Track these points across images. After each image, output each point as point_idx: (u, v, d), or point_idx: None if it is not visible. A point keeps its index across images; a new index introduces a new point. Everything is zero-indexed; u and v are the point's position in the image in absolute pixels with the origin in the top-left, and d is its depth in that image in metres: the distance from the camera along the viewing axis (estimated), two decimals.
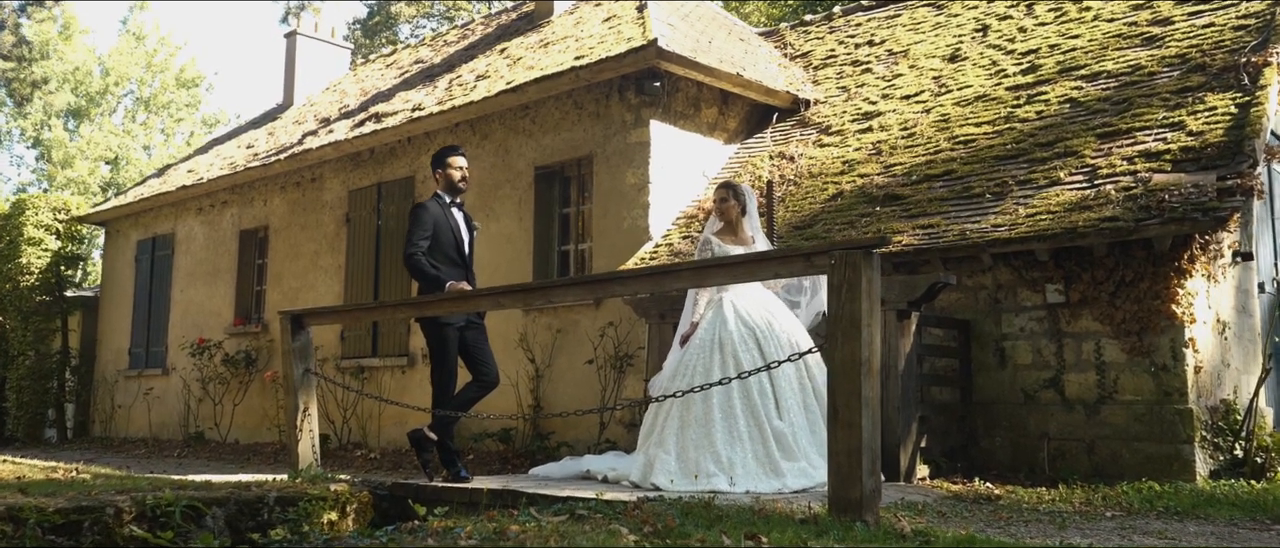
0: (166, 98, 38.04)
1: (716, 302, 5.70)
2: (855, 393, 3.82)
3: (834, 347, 3.90)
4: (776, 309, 5.75)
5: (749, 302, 5.67)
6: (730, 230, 5.85)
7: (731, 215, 5.84)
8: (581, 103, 9.68)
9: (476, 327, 5.93)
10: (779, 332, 5.53)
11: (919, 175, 7.63)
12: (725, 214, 5.82)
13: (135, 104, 38.19)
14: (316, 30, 16.83)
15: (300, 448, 6.54)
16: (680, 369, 5.65)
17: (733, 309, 5.65)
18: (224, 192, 14.46)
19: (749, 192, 5.99)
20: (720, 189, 5.95)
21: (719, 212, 5.89)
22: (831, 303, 3.93)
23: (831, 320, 3.93)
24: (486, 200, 10.41)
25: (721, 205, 5.83)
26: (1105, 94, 7.42)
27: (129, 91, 37.66)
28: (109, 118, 37.58)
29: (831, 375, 3.90)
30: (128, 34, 37.90)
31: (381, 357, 11.39)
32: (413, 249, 5.77)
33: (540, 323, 9.72)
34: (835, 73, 10.36)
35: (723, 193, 5.90)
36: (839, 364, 3.88)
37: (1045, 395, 6.38)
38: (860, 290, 3.86)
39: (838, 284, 3.91)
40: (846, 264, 3.90)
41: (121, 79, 37.05)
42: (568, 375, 9.40)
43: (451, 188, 5.96)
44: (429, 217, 5.82)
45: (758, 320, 5.54)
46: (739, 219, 5.86)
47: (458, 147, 6.06)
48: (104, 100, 37.20)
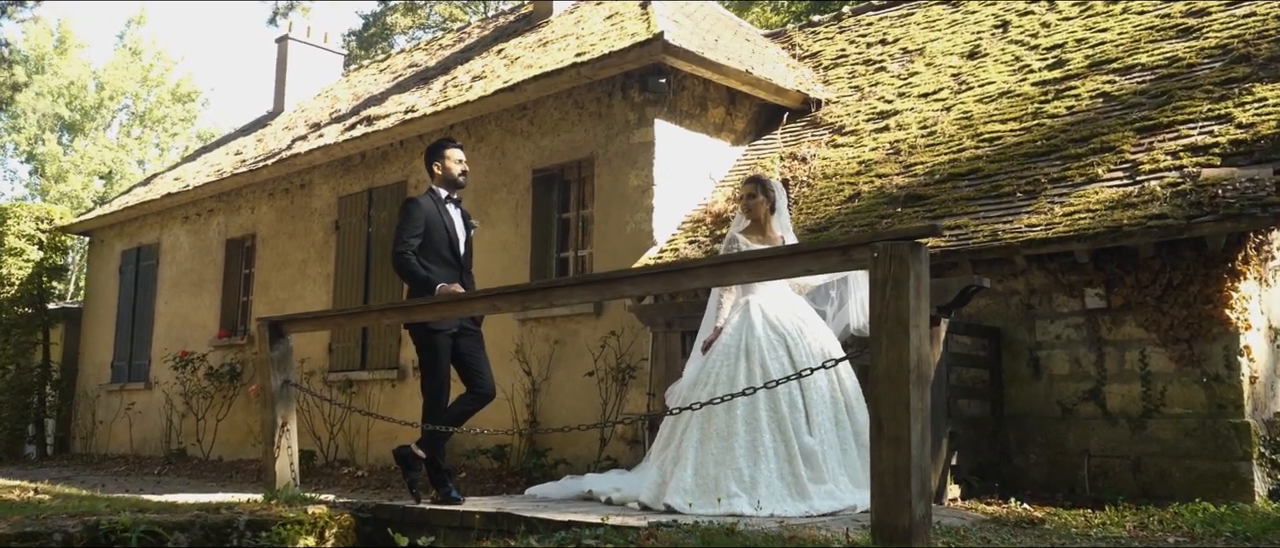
0: (162, 112, 37.74)
1: (742, 306, 5.25)
2: (902, 404, 3.34)
3: (877, 351, 3.42)
4: (808, 316, 5.29)
5: (779, 306, 5.21)
6: (758, 229, 5.39)
7: (759, 213, 5.37)
8: (582, 102, 9.22)
9: (471, 334, 5.44)
10: (810, 340, 5.06)
11: (943, 174, 7.17)
12: (753, 211, 5.35)
13: (130, 118, 37.89)
14: (309, 35, 16.38)
15: (278, 466, 6.04)
16: (702, 378, 5.18)
17: (761, 314, 5.19)
18: (210, 199, 13.99)
19: (779, 187, 5.53)
20: (747, 184, 5.49)
21: (746, 209, 5.42)
22: (875, 301, 3.45)
23: (875, 321, 3.45)
24: (482, 205, 9.93)
25: (749, 202, 5.36)
26: (1141, 87, 6.97)
27: (124, 106, 37.48)
28: (103, 132, 37.27)
29: (875, 384, 3.42)
30: (124, 48, 37.67)
31: (371, 369, 10.89)
32: (402, 248, 5.29)
33: (537, 333, 9.23)
34: (847, 72, 9.92)
35: (750, 188, 5.43)
36: (884, 371, 3.39)
37: (1085, 409, 5.90)
38: (907, 287, 3.38)
39: (882, 279, 3.43)
40: (891, 257, 3.42)
41: (116, 93, 36.90)
42: (566, 389, 8.91)
43: (449, 182, 5.48)
44: (420, 213, 5.34)
45: (788, 326, 5.07)
46: (768, 217, 5.40)
47: (454, 138, 5.58)
48: (98, 114, 37.00)
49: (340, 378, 11.17)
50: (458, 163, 5.45)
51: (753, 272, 3.86)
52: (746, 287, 5.35)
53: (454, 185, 5.46)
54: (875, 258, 3.46)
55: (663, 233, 8.54)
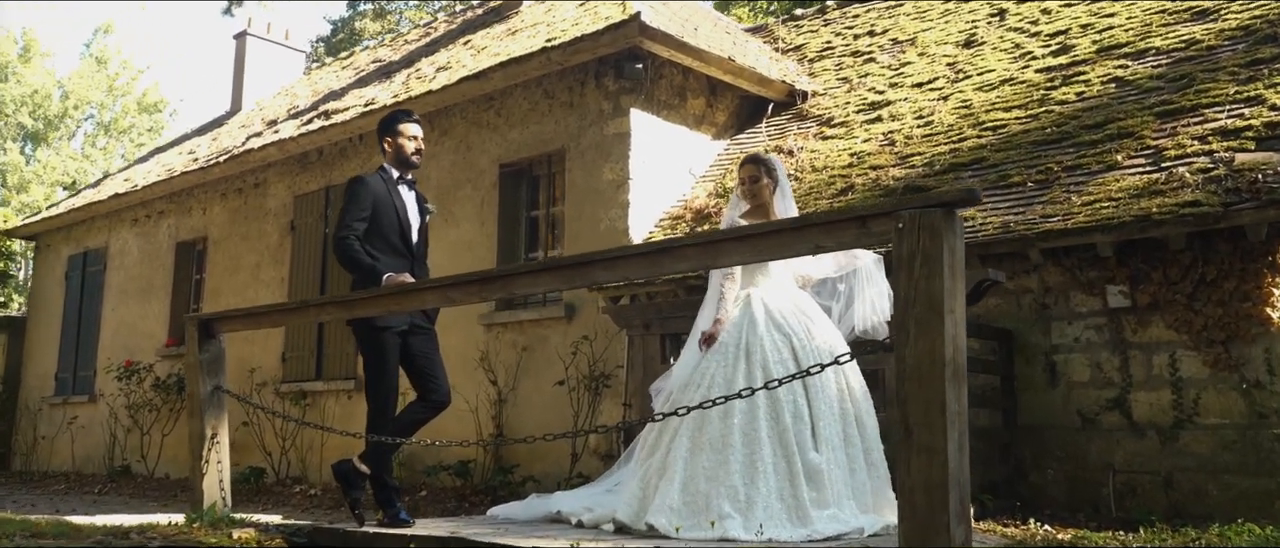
0: (128, 122, 36.88)
1: (742, 299, 4.65)
2: (936, 405, 2.73)
3: (904, 342, 2.81)
4: (815, 314, 4.68)
5: (783, 302, 4.60)
6: (760, 213, 4.78)
7: (763, 195, 4.76)
8: (553, 91, 8.60)
9: (424, 333, 4.79)
10: (819, 341, 4.45)
11: (943, 165, 6.61)
12: (756, 193, 4.74)
13: (96, 128, 37.04)
14: (269, 32, 15.66)
15: (206, 484, 5.36)
16: (695, 378, 4.55)
17: (763, 309, 4.57)
18: (161, 200, 13.23)
19: (781, 166, 4.93)
20: (748, 163, 4.88)
21: (747, 191, 4.80)
22: (900, 283, 2.85)
23: (901, 306, 2.85)
24: (445, 203, 9.28)
25: (750, 184, 4.75)
26: (1157, 72, 6.44)
27: (89, 116, 36.72)
28: (68, 142, 36.43)
29: (903, 381, 2.81)
30: (90, 58, 36.93)
31: (326, 380, 10.18)
32: (344, 232, 4.63)
33: (504, 339, 8.58)
34: (834, 64, 9.37)
35: (752, 168, 4.81)
36: (912, 365, 2.79)
37: (1108, 419, 5.33)
38: (940, 263, 2.79)
39: (909, 256, 2.84)
40: (921, 229, 2.82)
41: (81, 103, 36.19)
42: (535, 399, 8.26)
43: (402, 161, 4.83)
44: (368, 193, 4.69)
45: (793, 325, 4.46)
46: (771, 200, 4.80)
47: (410, 111, 4.92)
48: (63, 124, 36.26)
49: (293, 389, 10.45)
50: (412, 139, 4.80)
51: (751, 251, 3.25)
52: (747, 277, 4.76)
53: (406, 165, 4.82)
54: (900, 230, 2.87)
55: (639, 231, 7.93)
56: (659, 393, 4.84)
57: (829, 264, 4.94)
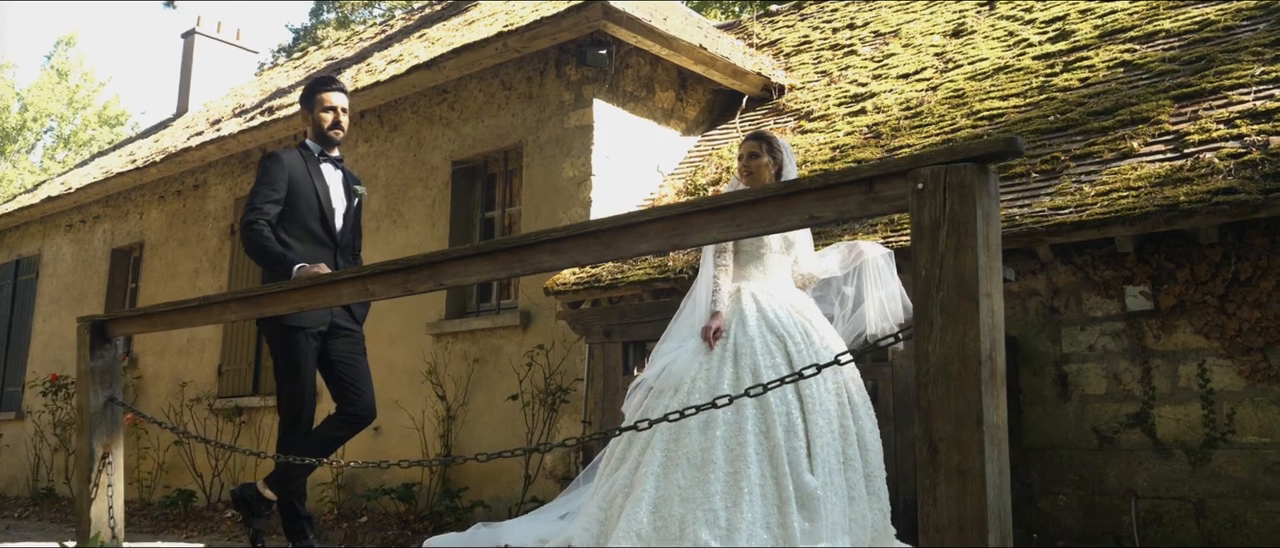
0: (88, 135, 35.92)
1: (732, 294, 4.02)
2: (971, 416, 2.08)
3: (926, 335, 2.16)
4: (814, 317, 4.06)
5: (778, 299, 3.98)
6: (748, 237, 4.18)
7: (763, 176, 4.13)
8: (510, 82, 7.93)
9: (348, 335, 4.10)
10: (817, 343, 3.82)
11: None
12: (754, 174, 4.12)
13: (55, 141, 36.10)
14: (219, 31, 14.90)
15: (94, 511, 4.60)
16: (669, 380, 3.92)
17: (754, 305, 3.95)
18: (96, 205, 12.42)
19: (788, 147, 4.31)
20: (749, 141, 4.25)
21: (745, 170, 4.16)
22: (922, 260, 2.20)
23: (923, 290, 2.19)
24: (395, 204, 8.58)
25: (750, 163, 4.12)
26: (1170, 54, 5.88)
27: (49, 128, 35.85)
28: (26, 155, 35.50)
29: (925, 385, 2.15)
30: (51, 70, 36.10)
31: (263, 395, 9.41)
32: (252, 216, 3.95)
33: (454, 350, 7.87)
34: (812, 58, 8.77)
35: (751, 146, 4.18)
36: (937, 365, 2.14)
37: (1128, 437, 4.70)
38: (974, 232, 2.14)
39: (931, 225, 2.19)
40: (947, 190, 2.18)
41: (41, 115, 35.34)
42: (486, 416, 7.55)
43: (321, 135, 4.15)
44: (281, 171, 4.01)
45: (789, 325, 3.84)
46: (769, 183, 4.19)
47: (334, 78, 4.23)
48: (21, 136, 35.39)
49: (228, 405, 9.68)
50: (329, 110, 4.12)
51: (729, 224, 2.59)
52: (739, 270, 4.13)
53: (326, 140, 4.14)
54: (920, 193, 2.22)
55: None
56: (639, 389, 4.17)
57: (833, 261, 4.31)
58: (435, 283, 3.30)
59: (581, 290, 6.62)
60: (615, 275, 6.46)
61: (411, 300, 8.12)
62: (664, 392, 3.87)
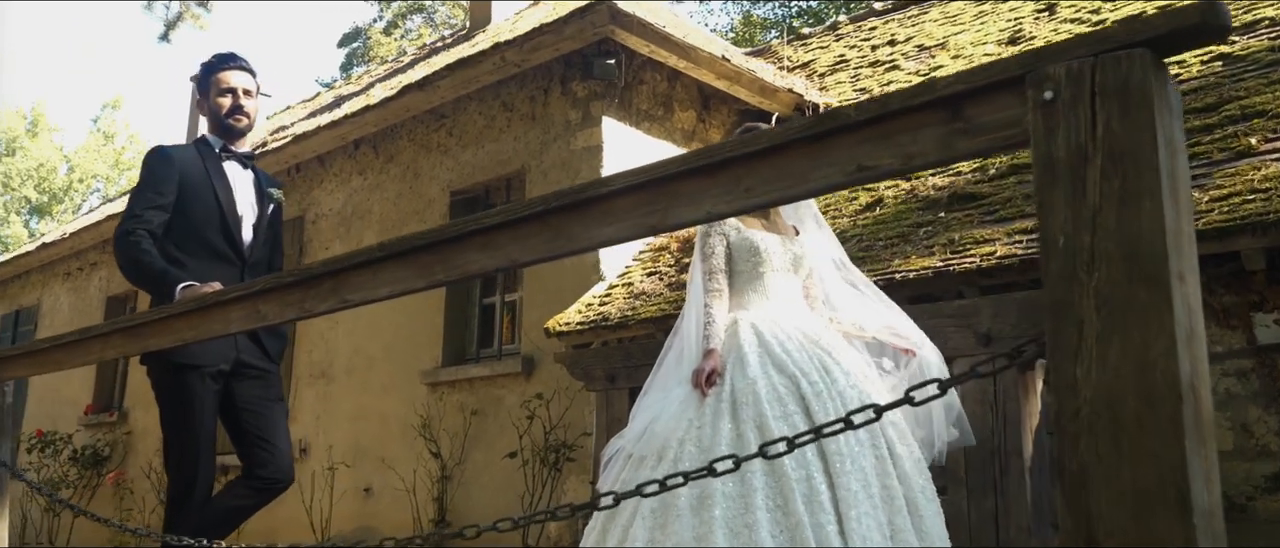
0: None
1: (728, 327, 3.16)
2: (1169, 495, 1.14)
3: (1070, 349, 1.23)
4: (837, 347, 3.18)
5: (788, 329, 3.12)
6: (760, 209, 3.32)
7: None
8: (512, 103, 7.13)
9: (258, 377, 3.24)
10: (842, 383, 2.94)
11: (1001, 168, 5.08)
12: None
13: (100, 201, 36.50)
14: None
15: None
16: (652, 443, 3.08)
17: (754, 339, 3.10)
18: (93, 251, 11.79)
19: None
20: (746, 130, 3.44)
21: None
22: (1056, 217, 1.27)
23: (1059, 274, 1.27)
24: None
25: None
26: (1278, 43, 4.94)
27: (95, 190, 36.38)
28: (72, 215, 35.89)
29: (1070, 439, 1.22)
30: (97, 132, 36.80)
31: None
32: (128, 225, 3.12)
33: (450, 401, 6.98)
34: (849, 76, 7.91)
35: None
36: (1096, 403, 1.21)
37: (1269, 505, 3.69)
38: (1152, 166, 1.22)
39: (1072, 157, 1.26)
40: (1100, 96, 1.27)
41: (87, 176, 35.97)
42: (486, 475, 6.63)
43: (221, 126, 3.32)
44: (169, 171, 3.18)
45: (801, 361, 2.98)
46: None
47: (235, 54, 3.41)
48: (68, 197, 35.90)
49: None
50: (226, 93, 3.28)
51: (731, 191, 1.68)
52: (736, 295, 3.26)
53: (227, 132, 3.30)
54: (1049, 105, 1.30)
55: (613, 265, 6.39)
56: (616, 458, 3.28)
57: (870, 321, 3.41)
58: (338, 299, 2.42)
59: (587, 331, 5.72)
60: (625, 313, 5.57)
61: (406, 346, 7.28)
62: (645, 459, 2.98)
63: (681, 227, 1.77)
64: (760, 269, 3.34)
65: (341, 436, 7.78)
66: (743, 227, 3.41)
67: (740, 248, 3.37)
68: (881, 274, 4.47)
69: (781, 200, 1.66)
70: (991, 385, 3.55)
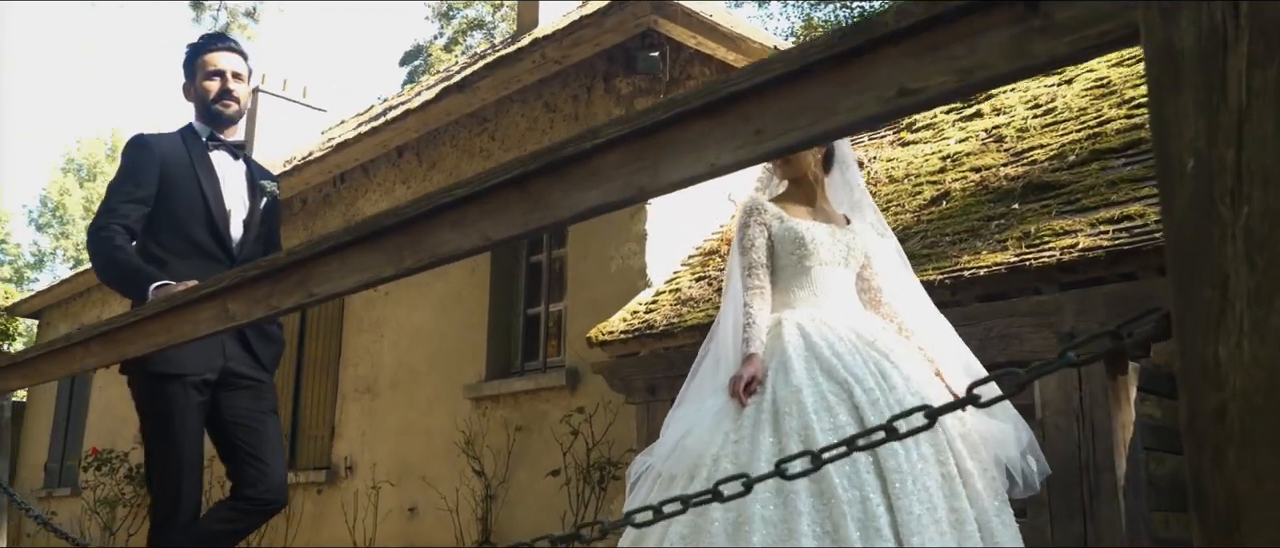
0: None
1: (770, 328, 2.79)
2: None
3: (1204, 320, 0.84)
4: (895, 349, 2.80)
5: (836, 328, 2.74)
6: (802, 195, 2.96)
7: (803, 167, 2.93)
8: (555, 103, 6.83)
9: (249, 387, 2.93)
10: (902, 389, 2.56)
11: (1081, 154, 4.60)
12: (793, 164, 2.94)
13: None
14: (284, 88, 14.34)
15: None
16: (683, 461, 2.73)
17: (800, 340, 2.71)
18: None
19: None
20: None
21: (780, 160, 2.97)
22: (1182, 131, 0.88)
23: (1185, 211, 0.87)
24: None
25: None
26: None
27: None
28: None
29: (1207, 445, 0.82)
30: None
31: (299, 469, 8.37)
32: (103, 220, 2.85)
33: (494, 417, 6.67)
34: None
35: None
36: (1248, 392, 0.81)
37: None
38: None
39: (1203, 47, 0.87)
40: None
41: None
42: (530, 495, 6.30)
43: (208, 113, 3.04)
44: (149, 161, 2.90)
45: (854, 365, 2.62)
46: (818, 176, 2.98)
47: (223, 35, 3.12)
48: None
49: None
50: (214, 76, 2.99)
51: (740, 133, 1.32)
52: (780, 291, 2.87)
53: (216, 118, 3.01)
54: None
55: (660, 270, 6.03)
56: (645, 477, 2.92)
57: (944, 345, 3.00)
58: (305, 292, 2.09)
59: (631, 340, 5.36)
60: (671, 320, 5.20)
61: (450, 359, 7.01)
62: (675, 478, 2.61)
63: (677, 186, 1.40)
64: (807, 263, 2.95)
65: (386, 453, 7.53)
66: (786, 215, 3.02)
67: (784, 239, 2.99)
68: (949, 272, 4.04)
69: (803, 142, 1.28)
70: (1077, 393, 3.11)
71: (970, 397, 1.11)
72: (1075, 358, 1.04)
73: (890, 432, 1.15)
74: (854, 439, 1.18)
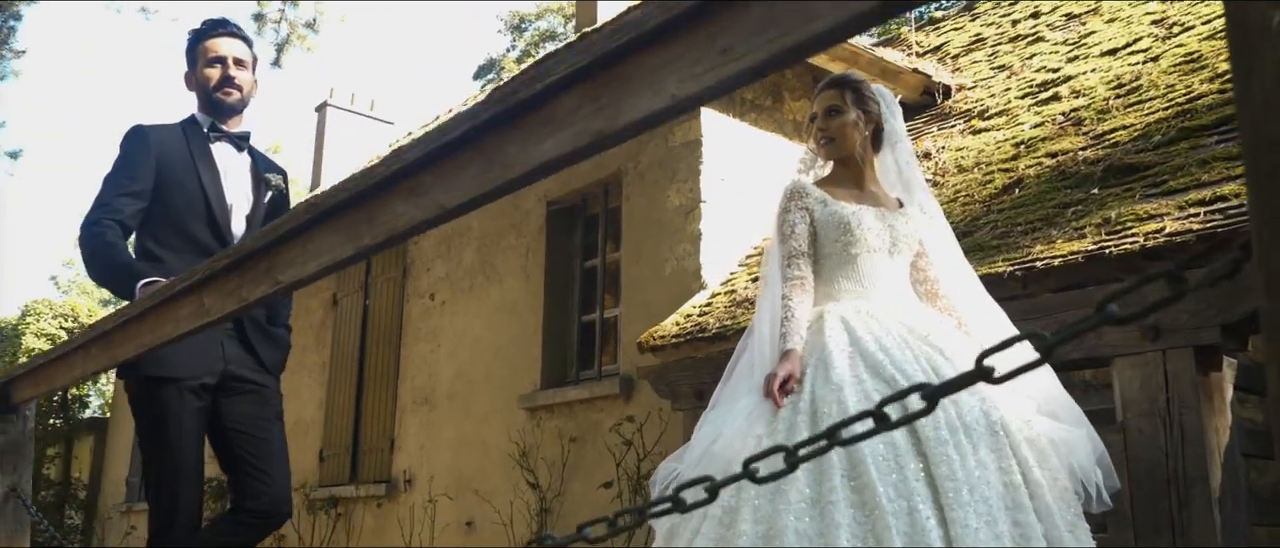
0: None
1: (813, 321, 2.53)
2: None
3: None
4: (948, 344, 2.51)
5: (884, 322, 2.48)
6: (849, 177, 2.70)
7: (850, 140, 2.66)
8: None
9: (252, 392, 2.75)
10: (959, 392, 2.23)
11: (1167, 133, 4.20)
12: (838, 139, 2.68)
13: None
14: (352, 103, 14.44)
15: None
16: (711, 469, 2.47)
17: (844, 335, 2.46)
18: None
19: (890, 98, 2.81)
20: (823, 92, 2.77)
21: (823, 137, 2.70)
22: None
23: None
24: (488, 256, 7.36)
25: (828, 124, 2.67)
26: None
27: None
28: None
29: None
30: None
31: (360, 483, 8.28)
32: (95, 214, 2.69)
33: (548, 428, 6.46)
34: (986, 54, 7.06)
35: (830, 96, 2.70)
36: None
37: None
38: None
39: None
40: None
41: None
42: (585, 507, 6.06)
43: (209, 102, 2.86)
44: (145, 153, 2.74)
45: (903, 362, 2.36)
46: (866, 153, 2.71)
47: (226, 20, 2.95)
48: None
49: (325, 495, 8.59)
50: (215, 63, 2.81)
51: (705, 54, 1.07)
52: (825, 281, 2.61)
53: (217, 108, 2.84)
54: None
55: (716, 272, 5.75)
56: (671, 485, 2.65)
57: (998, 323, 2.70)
58: (271, 280, 1.90)
59: (683, 344, 5.10)
60: (724, 323, 4.92)
61: (506, 368, 6.82)
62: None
63: (638, 126, 1.15)
64: (852, 250, 2.67)
65: (443, 465, 7.37)
66: (829, 199, 2.74)
67: (827, 225, 2.70)
68: (1020, 263, 3.69)
69: (779, 58, 1.01)
70: (1163, 393, 2.74)
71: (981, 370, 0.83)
72: (1117, 312, 0.76)
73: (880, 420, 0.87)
74: (835, 430, 0.90)
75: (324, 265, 1.73)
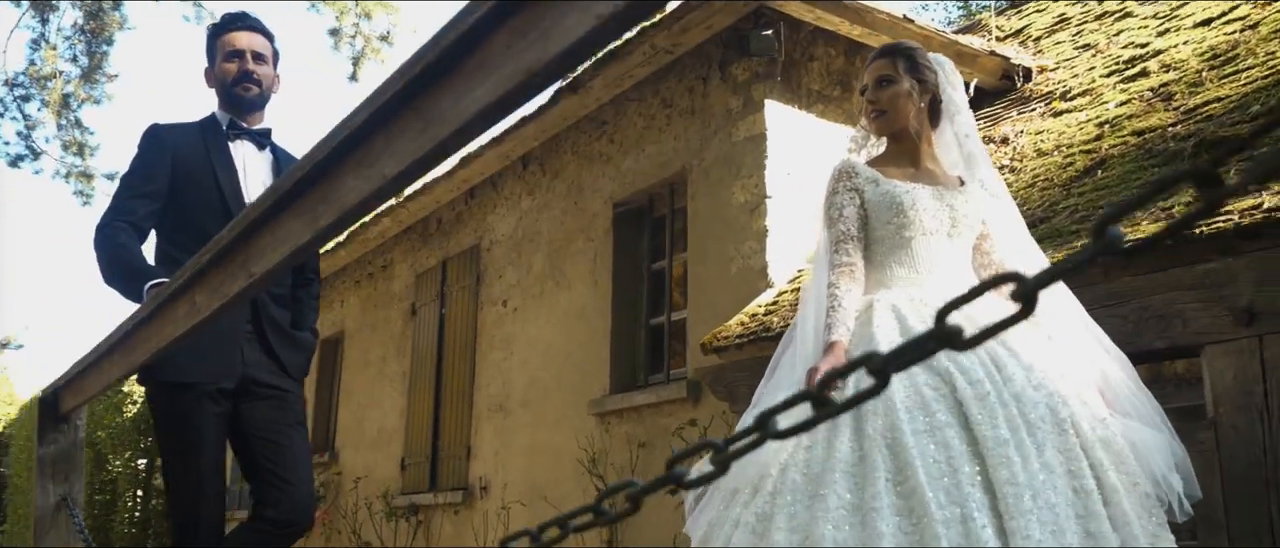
0: None
1: (862, 310, 2.38)
2: None
3: None
4: (1013, 332, 2.33)
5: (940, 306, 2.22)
6: (904, 154, 2.54)
7: (903, 113, 2.51)
8: (671, 98, 6.45)
9: (272, 397, 2.66)
10: (1021, 385, 2.10)
11: (1269, 104, 3.85)
12: (891, 112, 2.52)
13: None
14: None
15: None
16: (749, 473, 2.34)
17: (896, 326, 2.30)
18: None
19: (951, 71, 2.61)
20: (874, 62, 2.59)
21: (874, 110, 2.53)
22: None
23: None
24: (557, 262, 7.27)
25: (879, 95, 2.54)
26: None
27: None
28: None
29: None
30: None
31: (439, 490, 8.27)
32: (107, 217, 2.64)
33: (617, 433, 6.32)
34: (1069, 35, 6.67)
35: (881, 66, 2.57)
36: None
37: None
38: None
39: None
40: None
41: None
42: (656, 517, 5.88)
43: (228, 97, 2.79)
44: (160, 152, 2.69)
45: (960, 356, 2.18)
46: (925, 127, 2.55)
47: (245, 14, 2.87)
48: None
49: (406, 503, 8.62)
50: (234, 57, 2.73)
51: None
52: (876, 266, 2.45)
53: (237, 104, 2.76)
54: None
55: (783, 269, 5.53)
56: (714, 493, 2.51)
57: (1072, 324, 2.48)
58: (246, 273, 1.79)
59: (747, 344, 4.90)
60: (788, 322, 4.69)
61: (576, 374, 6.71)
62: (738, 492, 2.19)
63: (570, 57, 0.98)
64: (907, 233, 2.48)
65: (517, 473, 7.30)
66: (881, 178, 2.54)
67: (879, 206, 2.51)
68: None
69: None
70: (1260, 385, 2.45)
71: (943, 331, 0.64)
72: (1120, 235, 0.57)
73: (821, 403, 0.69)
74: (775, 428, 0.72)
75: (288, 253, 1.61)
